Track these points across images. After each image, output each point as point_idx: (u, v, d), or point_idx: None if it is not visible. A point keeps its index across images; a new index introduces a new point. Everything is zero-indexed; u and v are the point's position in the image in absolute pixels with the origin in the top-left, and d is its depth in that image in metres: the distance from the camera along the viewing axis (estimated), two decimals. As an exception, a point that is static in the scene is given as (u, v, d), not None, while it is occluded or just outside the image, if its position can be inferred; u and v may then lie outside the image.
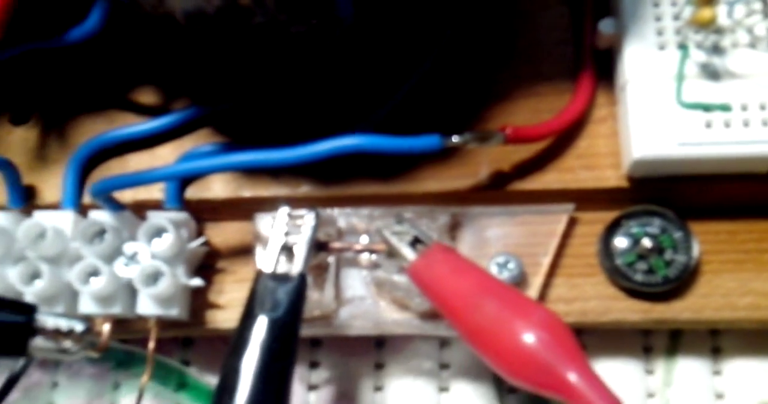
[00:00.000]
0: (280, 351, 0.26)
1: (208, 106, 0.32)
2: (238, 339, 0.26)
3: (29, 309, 0.25)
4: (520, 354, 0.24)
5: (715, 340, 0.32)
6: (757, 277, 0.30)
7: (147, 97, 0.33)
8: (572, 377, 0.24)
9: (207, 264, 0.32)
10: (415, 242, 0.28)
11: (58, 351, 0.25)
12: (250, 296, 0.27)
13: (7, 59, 0.31)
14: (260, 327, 0.26)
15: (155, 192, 0.31)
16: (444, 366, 0.32)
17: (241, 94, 0.32)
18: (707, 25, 0.27)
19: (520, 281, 0.30)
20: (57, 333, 0.25)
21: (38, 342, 0.25)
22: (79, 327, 0.26)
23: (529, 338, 0.24)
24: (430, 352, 0.32)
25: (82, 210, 0.31)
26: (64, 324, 0.25)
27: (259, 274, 0.27)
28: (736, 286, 0.30)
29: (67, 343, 0.25)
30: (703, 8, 0.27)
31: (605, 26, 0.30)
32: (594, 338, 0.32)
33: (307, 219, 0.28)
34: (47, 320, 0.25)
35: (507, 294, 0.26)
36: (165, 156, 0.32)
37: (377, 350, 0.33)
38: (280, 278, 0.27)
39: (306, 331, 0.30)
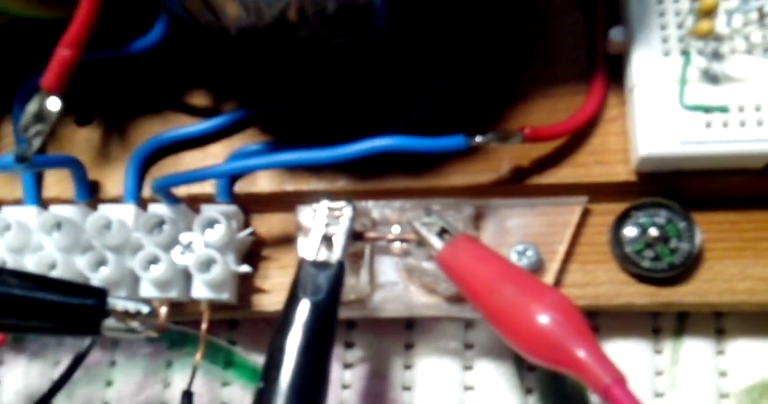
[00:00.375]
0: (321, 331, 0.27)
1: (255, 108, 0.33)
2: (283, 320, 0.27)
3: (102, 294, 0.27)
4: (535, 334, 0.26)
5: (719, 322, 0.33)
6: (755, 263, 0.31)
7: (199, 99, 0.34)
8: (581, 353, 0.25)
9: (253, 252, 0.33)
10: (443, 232, 0.29)
11: (126, 331, 0.27)
12: (294, 281, 0.28)
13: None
14: (303, 310, 0.27)
15: (207, 186, 0.32)
16: (468, 346, 0.33)
17: (286, 97, 0.33)
18: (706, 36, 0.28)
19: (538, 267, 0.31)
20: (126, 315, 0.27)
21: (109, 322, 0.27)
22: (145, 309, 0.27)
23: (543, 319, 0.26)
24: (456, 333, 0.33)
25: (141, 204, 0.33)
26: (132, 306, 0.27)
27: (302, 262, 0.28)
28: (737, 272, 0.30)
29: (134, 324, 0.27)
30: (702, 21, 0.28)
31: (615, 34, 0.31)
32: (607, 320, 0.33)
33: (345, 211, 0.29)
34: (117, 303, 0.27)
35: (524, 280, 0.27)
36: (216, 153, 0.33)
37: (407, 331, 0.34)
38: (321, 265, 0.28)
39: (343, 314, 0.31)
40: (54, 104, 0.27)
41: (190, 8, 0.28)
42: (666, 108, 0.29)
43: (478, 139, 0.29)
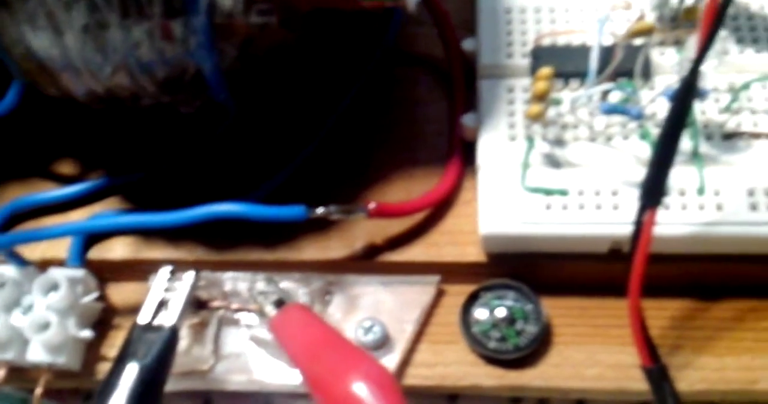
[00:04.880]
0: (146, 396, 0.26)
1: (118, 177, 0.33)
2: (107, 382, 0.26)
3: None
4: (349, 401, 0.24)
5: (580, 410, 0.31)
6: (604, 350, 0.29)
7: (66, 168, 0.34)
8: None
9: (104, 321, 0.31)
10: (280, 303, 0.28)
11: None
12: (124, 344, 0.27)
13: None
14: (130, 373, 0.26)
15: (62, 251, 0.31)
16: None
17: (150, 167, 0.33)
18: (537, 119, 0.28)
19: (384, 344, 0.29)
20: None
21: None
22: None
23: (357, 387, 0.24)
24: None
25: (-6, 268, 0.31)
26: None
27: (134, 325, 0.27)
28: (585, 358, 0.29)
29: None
30: (534, 105, 0.27)
31: (467, 120, 0.31)
32: (467, 406, 0.31)
33: (186, 277, 0.28)
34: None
35: (345, 349, 0.26)
36: (77, 219, 0.32)
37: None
38: (154, 329, 0.27)
39: (185, 384, 0.29)
40: None
41: (28, 69, 0.27)
42: (508, 189, 0.28)
43: (319, 210, 0.29)
